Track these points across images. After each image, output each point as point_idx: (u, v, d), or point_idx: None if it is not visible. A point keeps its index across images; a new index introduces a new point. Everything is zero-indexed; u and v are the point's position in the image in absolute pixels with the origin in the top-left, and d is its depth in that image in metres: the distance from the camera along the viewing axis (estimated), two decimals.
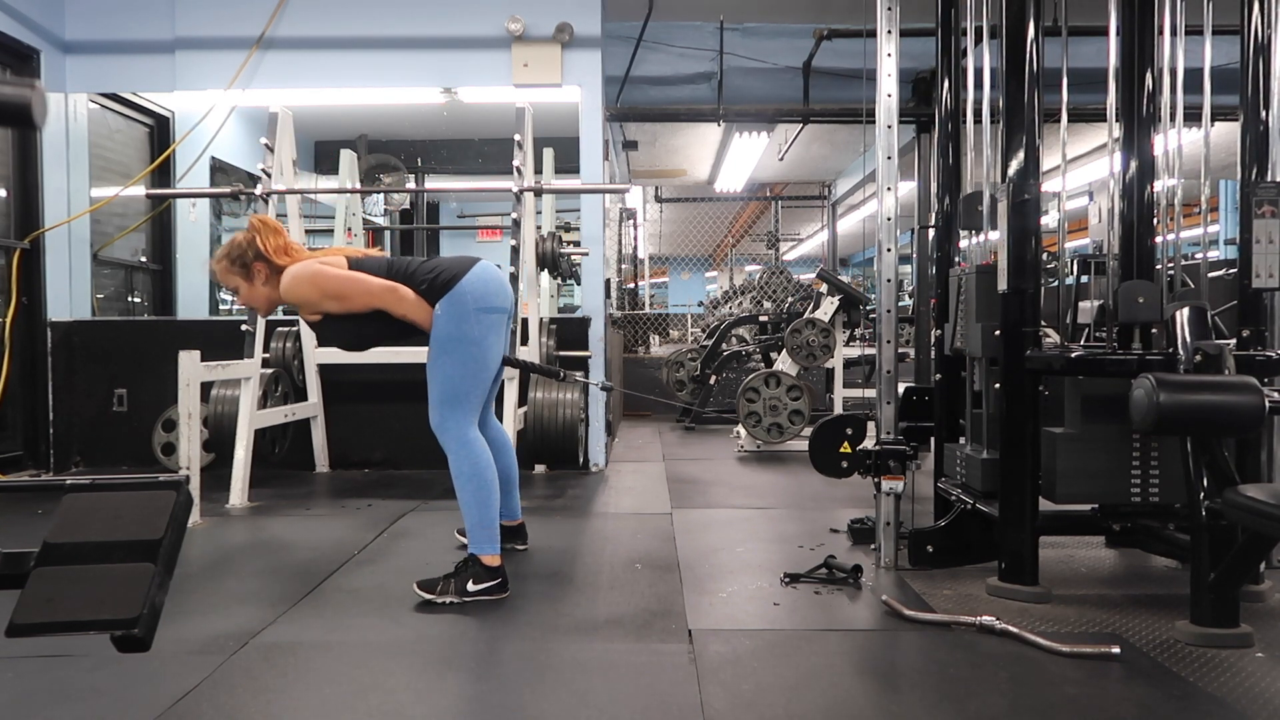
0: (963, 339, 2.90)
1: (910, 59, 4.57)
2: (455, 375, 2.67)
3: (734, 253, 16.58)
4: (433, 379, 2.69)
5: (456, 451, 2.67)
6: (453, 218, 10.94)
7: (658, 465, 5.26)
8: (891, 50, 2.97)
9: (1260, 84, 2.76)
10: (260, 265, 2.73)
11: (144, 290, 6.00)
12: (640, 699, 1.93)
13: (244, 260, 2.74)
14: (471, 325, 2.66)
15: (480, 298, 2.68)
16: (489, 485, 2.68)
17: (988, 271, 2.74)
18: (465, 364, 2.67)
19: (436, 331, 2.67)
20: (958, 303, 2.94)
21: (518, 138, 4.50)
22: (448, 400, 2.67)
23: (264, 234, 2.73)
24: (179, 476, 0.96)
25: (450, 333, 2.66)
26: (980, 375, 2.87)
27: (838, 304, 5.75)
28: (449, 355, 2.66)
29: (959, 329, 2.95)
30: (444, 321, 2.66)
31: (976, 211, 2.94)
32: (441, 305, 2.66)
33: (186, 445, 3.63)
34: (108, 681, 2.02)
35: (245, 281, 2.76)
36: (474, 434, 2.70)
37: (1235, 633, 2.21)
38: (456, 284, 2.66)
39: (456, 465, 2.67)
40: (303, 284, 2.64)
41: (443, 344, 2.67)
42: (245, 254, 2.73)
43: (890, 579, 2.83)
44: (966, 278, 2.85)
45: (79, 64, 5.03)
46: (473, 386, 2.69)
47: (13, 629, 0.87)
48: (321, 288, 2.64)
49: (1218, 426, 2.18)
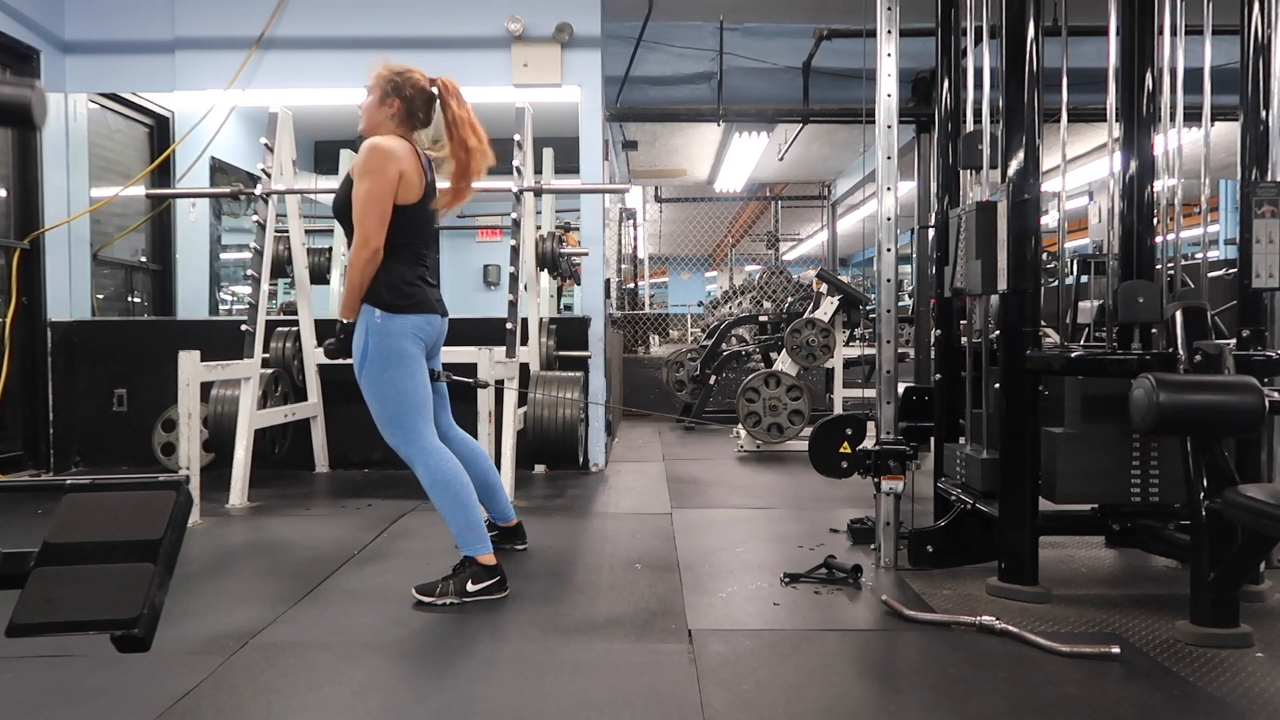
0: (962, 278, 2.84)
1: (910, 59, 4.57)
2: (394, 392, 2.63)
3: (734, 253, 16.58)
4: (373, 400, 2.65)
5: (420, 462, 2.66)
6: (453, 218, 10.92)
7: (657, 465, 5.26)
8: (891, 50, 2.97)
9: (1260, 84, 2.76)
10: (400, 105, 2.68)
11: (144, 290, 6.00)
12: (640, 699, 1.93)
13: (400, 90, 2.68)
14: (406, 343, 2.64)
15: (419, 328, 2.67)
16: (462, 486, 2.66)
17: (987, 208, 2.67)
18: (403, 379, 2.64)
19: (366, 344, 2.62)
20: (958, 243, 2.89)
21: (517, 138, 4.50)
22: (396, 418, 2.65)
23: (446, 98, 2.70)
24: (179, 476, 0.96)
25: (380, 347, 2.61)
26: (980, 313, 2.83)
27: (837, 304, 5.75)
28: (384, 374, 2.62)
29: (958, 269, 2.89)
30: (378, 335, 2.61)
31: (977, 150, 2.91)
32: (384, 317, 2.62)
33: (186, 445, 3.63)
34: (108, 681, 2.02)
35: (378, 99, 2.69)
36: (432, 442, 2.68)
37: (1235, 633, 2.21)
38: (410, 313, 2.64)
39: (424, 476, 2.66)
40: (376, 149, 2.58)
41: (375, 362, 2.62)
42: (405, 88, 2.68)
43: (890, 579, 2.83)
44: (966, 215, 2.78)
45: (79, 64, 5.03)
46: (415, 395, 2.66)
47: (13, 629, 0.87)
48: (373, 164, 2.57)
49: (1218, 426, 2.18)
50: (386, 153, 2.60)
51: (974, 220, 2.72)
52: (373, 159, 2.59)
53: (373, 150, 2.60)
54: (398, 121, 2.71)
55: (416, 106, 2.71)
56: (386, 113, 2.70)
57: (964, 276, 2.81)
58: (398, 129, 2.70)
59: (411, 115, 2.72)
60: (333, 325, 2.74)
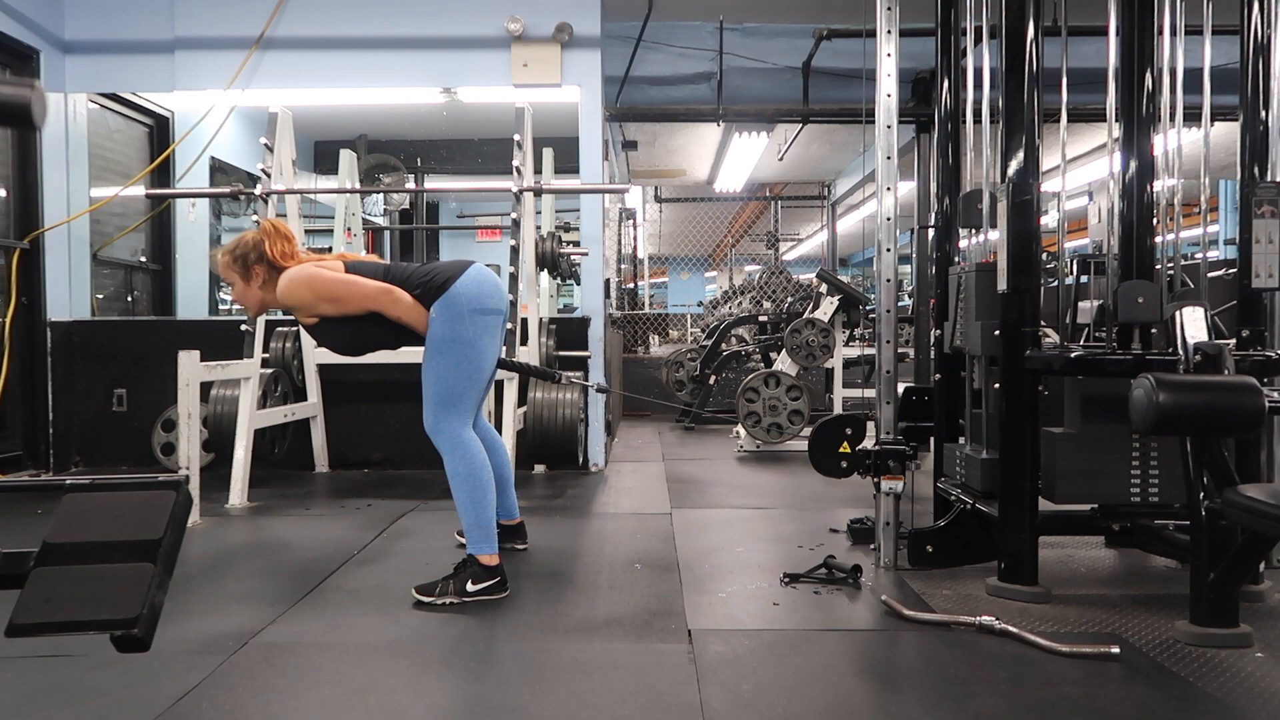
0: (962, 337, 2.90)
1: (910, 59, 4.58)
2: (449, 377, 2.66)
3: (734, 253, 16.58)
4: (427, 380, 2.68)
5: (451, 452, 2.67)
6: (452, 218, 10.94)
7: (657, 465, 5.26)
8: (891, 50, 2.97)
9: (1260, 84, 2.76)
10: (260, 268, 2.75)
11: (144, 290, 6.00)
12: (640, 699, 1.93)
13: (246, 260, 2.75)
14: (466, 327, 2.66)
15: (474, 299, 2.68)
16: (484, 485, 2.68)
17: (987, 270, 2.74)
18: (460, 365, 2.67)
19: (432, 333, 2.67)
20: (957, 301, 2.94)
21: (517, 138, 4.50)
22: (442, 402, 2.67)
23: (273, 240, 2.74)
24: (178, 476, 0.96)
25: (445, 334, 2.65)
26: (980, 373, 2.87)
27: (837, 304, 5.75)
28: (444, 356, 2.66)
29: (959, 327, 2.95)
30: (439, 323, 2.66)
31: (976, 210, 2.94)
32: (436, 308, 2.66)
33: (186, 445, 3.63)
34: (108, 681, 2.02)
35: (242, 280, 2.78)
36: (468, 435, 2.70)
37: (1235, 633, 2.21)
38: (451, 286, 2.66)
39: (452, 466, 2.67)
40: (299, 286, 2.65)
41: (437, 345, 2.66)
42: (249, 254, 2.74)
43: (890, 579, 2.83)
44: (966, 276, 2.85)
45: (79, 64, 5.03)
46: (467, 388, 2.69)
47: (13, 629, 0.87)
48: (317, 290, 2.65)
49: (1217, 426, 2.18)
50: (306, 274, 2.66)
51: (973, 281, 2.77)
52: (300, 288, 2.65)
53: (292, 283, 2.66)
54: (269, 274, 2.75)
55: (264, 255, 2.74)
56: (258, 282, 2.76)
57: (964, 336, 2.85)
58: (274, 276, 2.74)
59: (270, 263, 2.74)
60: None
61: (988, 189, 2.89)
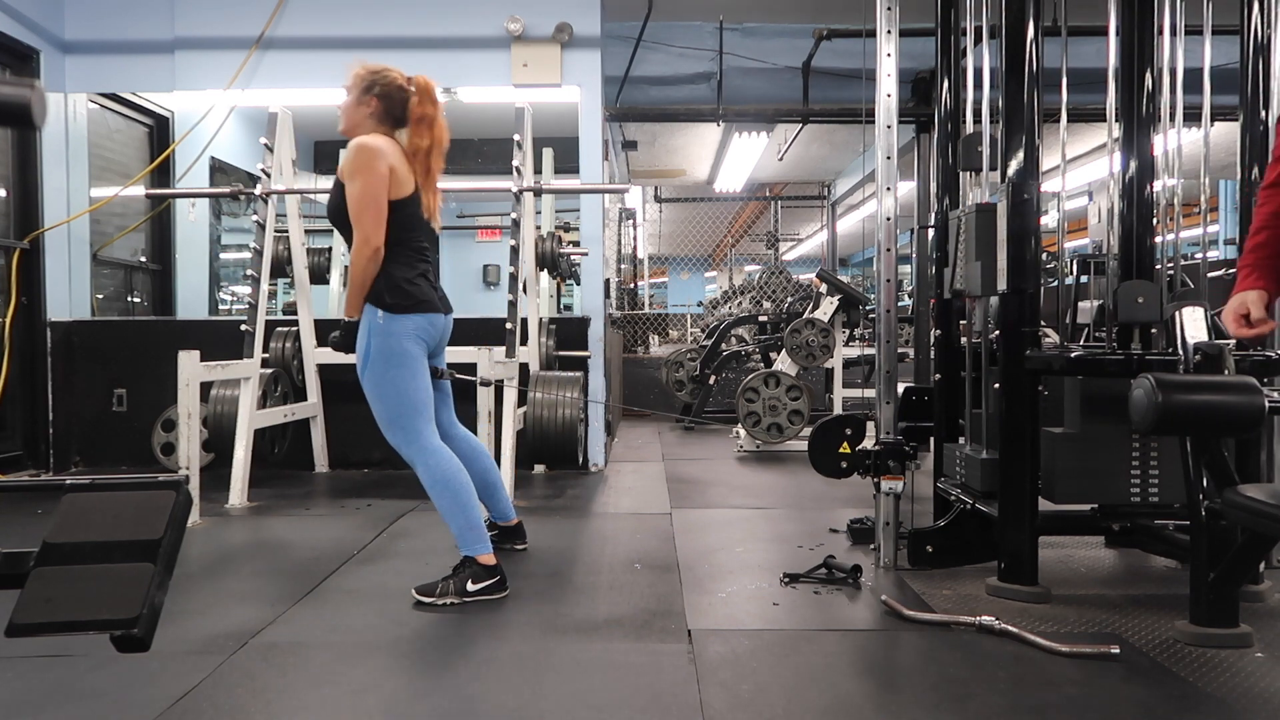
0: (962, 279, 2.84)
1: (910, 59, 4.57)
2: (396, 392, 2.63)
3: (733, 253, 16.57)
4: (375, 400, 2.66)
5: (420, 462, 2.66)
6: (452, 218, 10.92)
7: (657, 465, 5.25)
8: (891, 50, 2.97)
9: (1260, 84, 2.76)
10: (377, 104, 2.69)
11: (144, 290, 6.00)
12: (640, 699, 1.93)
13: (372, 88, 2.69)
14: (408, 343, 2.64)
15: (421, 329, 2.67)
16: (462, 486, 2.66)
17: (987, 210, 2.67)
18: (405, 379, 2.64)
19: (369, 345, 2.63)
20: (957, 244, 2.89)
21: (517, 138, 4.50)
22: (397, 418, 2.65)
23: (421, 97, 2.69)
24: (178, 476, 0.96)
25: (382, 348, 2.62)
26: (980, 315, 2.83)
27: (837, 304, 5.75)
28: (386, 374, 2.63)
29: (958, 270, 2.90)
30: (380, 336, 2.61)
31: (976, 152, 2.91)
32: (386, 317, 2.62)
33: (186, 445, 3.63)
34: (108, 681, 2.02)
35: (356, 98, 2.71)
36: (433, 441, 2.68)
37: (1234, 633, 2.21)
38: (412, 312, 2.64)
39: (424, 476, 2.66)
40: (362, 148, 2.59)
41: (376, 363, 2.62)
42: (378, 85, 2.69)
43: (890, 579, 2.83)
44: (966, 217, 2.79)
45: (78, 64, 5.03)
46: (417, 396, 2.66)
47: (12, 629, 0.87)
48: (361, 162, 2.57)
49: (1217, 426, 2.18)
50: (373, 150, 2.60)
51: (973, 222, 2.72)
52: (360, 157, 2.59)
53: (359, 149, 2.60)
54: (377, 119, 2.71)
55: (394, 104, 2.71)
56: (365, 111, 2.71)
57: (964, 278, 2.81)
58: (378, 127, 2.71)
59: (389, 113, 2.72)
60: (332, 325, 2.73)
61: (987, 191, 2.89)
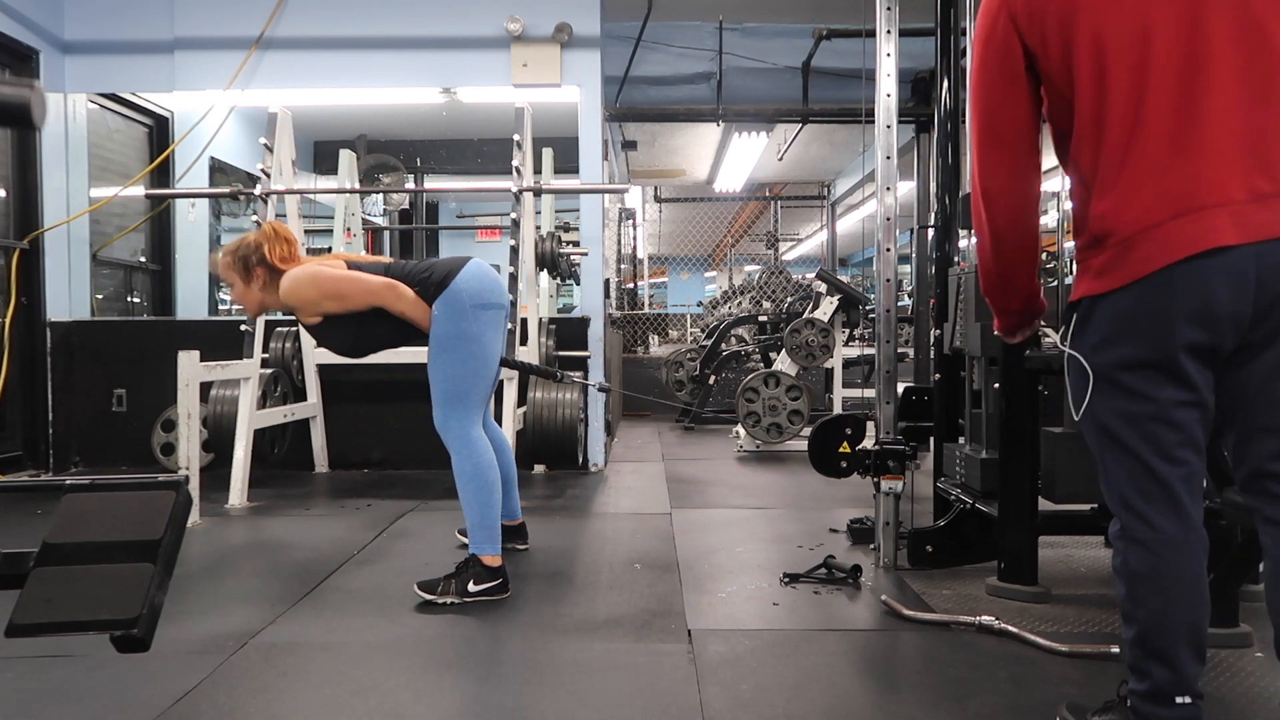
0: (962, 339, 2.90)
1: (910, 59, 4.58)
2: (455, 374, 2.67)
3: (733, 253, 16.57)
4: (434, 378, 2.69)
5: (459, 450, 2.68)
6: (452, 218, 10.94)
7: (657, 465, 5.26)
8: (891, 50, 2.97)
9: None
10: (261, 271, 2.76)
11: (143, 290, 6.00)
12: (640, 699, 1.93)
13: (247, 262, 2.76)
14: (469, 322, 2.66)
15: (475, 294, 2.68)
16: (491, 485, 2.68)
17: None
18: (465, 362, 2.67)
19: (435, 330, 2.67)
20: (957, 302, 2.93)
21: (517, 138, 4.50)
22: (450, 399, 2.67)
23: (273, 243, 2.75)
24: (178, 477, 0.96)
25: (449, 331, 2.66)
26: (980, 374, 2.87)
27: (837, 304, 5.75)
28: (449, 353, 2.67)
29: (958, 328, 2.95)
30: (442, 320, 2.66)
31: None
32: (439, 304, 2.66)
33: (186, 445, 3.63)
34: (108, 681, 2.02)
35: (242, 282, 2.78)
36: (477, 433, 2.71)
37: (1235, 632, 2.21)
38: (451, 281, 2.67)
39: (459, 464, 2.68)
40: (303, 284, 2.65)
41: (442, 343, 2.67)
42: (250, 256, 2.75)
43: (890, 579, 2.83)
44: (966, 277, 2.85)
45: (78, 64, 5.03)
46: (474, 384, 2.70)
47: (12, 629, 0.87)
48: (321, 287, 2.65)
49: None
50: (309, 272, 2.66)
51: (973, 282, 2.76)
52: (305, 286, 2.64)
53: (296, 282, 2.65)
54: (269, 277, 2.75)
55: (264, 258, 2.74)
56: (258, 284, 2.77)
57: (964, 338, 2.84)
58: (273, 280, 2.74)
59: (270, 266, 2.75)
60: None
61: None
